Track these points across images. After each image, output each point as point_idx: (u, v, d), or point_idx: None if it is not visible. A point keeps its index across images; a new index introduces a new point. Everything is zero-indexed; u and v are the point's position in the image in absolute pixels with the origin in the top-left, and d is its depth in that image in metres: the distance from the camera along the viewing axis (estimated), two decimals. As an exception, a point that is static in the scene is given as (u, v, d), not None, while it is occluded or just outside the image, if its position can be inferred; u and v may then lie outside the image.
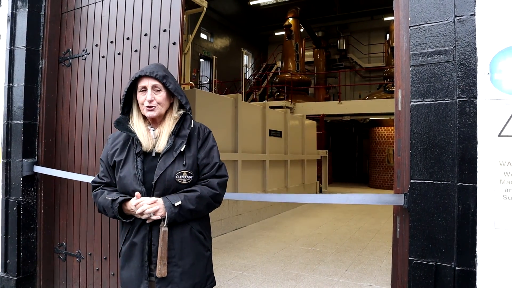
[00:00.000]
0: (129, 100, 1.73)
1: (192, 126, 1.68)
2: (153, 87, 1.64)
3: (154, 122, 1.70)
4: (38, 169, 3.02)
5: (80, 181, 2.94)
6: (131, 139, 1.69)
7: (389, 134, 13.72)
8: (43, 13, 3.13)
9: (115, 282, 2.75)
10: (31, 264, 3.05)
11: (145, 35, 2.69)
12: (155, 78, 1.62)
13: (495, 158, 1.51)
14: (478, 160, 1.54)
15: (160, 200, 1.55)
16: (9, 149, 3.05)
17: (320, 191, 11.65)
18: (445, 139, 1.61)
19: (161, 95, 1.65)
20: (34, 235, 3.07)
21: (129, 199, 1.59)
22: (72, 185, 3.05)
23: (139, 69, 2.70)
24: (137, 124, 1.68)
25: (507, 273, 1.48)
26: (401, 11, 1.84)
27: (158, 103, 1.64)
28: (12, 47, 3.07)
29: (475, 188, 1.54)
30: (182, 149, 1.62)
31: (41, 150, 3.10)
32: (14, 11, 3.08)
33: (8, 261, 2.99)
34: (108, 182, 1.72)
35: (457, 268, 1.56)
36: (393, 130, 13.02)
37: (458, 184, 1.57)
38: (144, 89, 1.64)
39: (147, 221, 1.58)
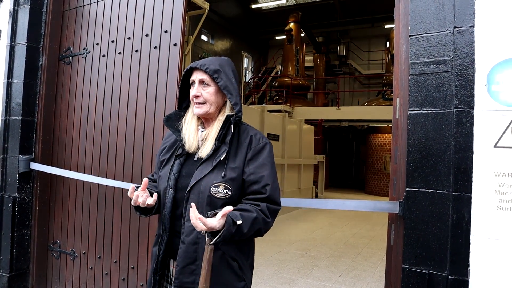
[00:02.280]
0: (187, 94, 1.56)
1: (232, 131, 1.44)
2: (201, 81, 1.46)
3: (207, 122, 1.52)
4: (35, 166, 3.01)
5: (76, 179, 2.94)
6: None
7: (386, 141, 13.76)
8: (44, 10, 3.14)
9: (108, 281, 2.75)
10: (24, 261, 3.04)
11: (146, 35, 2.69)
12: (204, 71, 1.44)
13: (490, 168, 1.52)
14: (473, 170, 1.55)
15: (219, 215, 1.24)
16: (6, 145, 3.04)
17: (316, 196, 11.65)
18: (442, 149, 1.62)
19: (208, 91, 1.45)
20: (28, 232, 3.06)
21: (151, 193, 1.45)
22: (68, 183, 3.04)
23: (139, 69, 2.71)
24: (189, 122, 1.52)
25: (499, 283, 1.49)
26: (402, 20, 1.86)
27: (206, 100, 1.45)
28: (12, 43, 3.07)
29: (470, 197, 1.55)
30: (222, 158, 1.39)
31: (38, 147, 3.09)
32: (16, 7, 3.08)
33: (1, 257, 2.98)
34: (156, 179, 1.60)
35: (450, 276, 1.56)
36: (390, 137, 13.01)
37: (453, 193, 1.58)
38: (194, 83, 1.48)
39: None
